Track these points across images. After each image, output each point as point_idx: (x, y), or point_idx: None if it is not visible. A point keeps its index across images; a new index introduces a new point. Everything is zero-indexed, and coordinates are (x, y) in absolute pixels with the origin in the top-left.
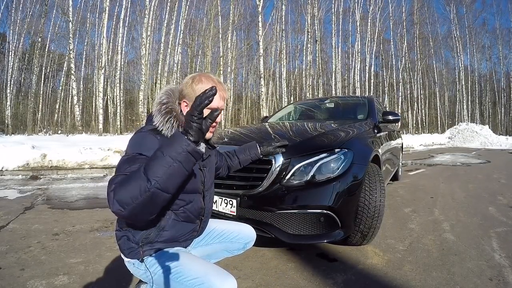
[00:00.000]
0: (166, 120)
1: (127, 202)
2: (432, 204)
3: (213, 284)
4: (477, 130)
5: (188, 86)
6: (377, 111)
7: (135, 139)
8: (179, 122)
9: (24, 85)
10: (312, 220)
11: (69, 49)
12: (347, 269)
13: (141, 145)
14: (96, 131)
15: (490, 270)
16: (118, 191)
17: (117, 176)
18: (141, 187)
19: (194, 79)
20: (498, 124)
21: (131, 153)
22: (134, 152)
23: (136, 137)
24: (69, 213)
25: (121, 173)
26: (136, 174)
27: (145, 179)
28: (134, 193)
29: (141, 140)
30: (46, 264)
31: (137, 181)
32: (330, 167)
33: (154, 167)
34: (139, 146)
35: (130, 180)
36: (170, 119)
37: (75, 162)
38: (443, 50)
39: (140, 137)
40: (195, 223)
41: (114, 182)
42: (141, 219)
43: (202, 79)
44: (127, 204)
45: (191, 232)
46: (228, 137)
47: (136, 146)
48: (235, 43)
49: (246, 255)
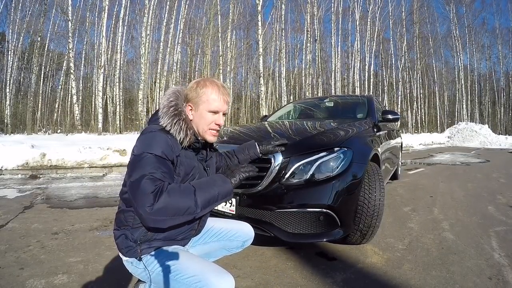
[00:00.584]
0: (174, 122)
1: (168, 213)
2: (431, 203)
3: (211, 282)
4: (476, 130)
5: (192, 91)
6: (377, 110)
7: (149, 138)
8: (187, 125)
9: (23, 85)
10: (311, 219)
11: (69, 48)
12: (346, 268)
13: (154, 145)
14: (95, 130)
15: (490, 269)
16: (164, 200)
17: (151, 179)
18: (189, 208)
19: (198, 83)
20: (497, 124)
21: (147, 151)
22: (148, 151)
23: (148, 136)
24: (68, 212)
25: (152, 174)
26: (187, 194)
27: (194, 203)
28: (179, 210)
29: (153, 139)
30: (46, 263)
31: (187, 202)
32: (330, 166)
33: (204, 195)
34: (152, 145)
35: (181, 197)
36: (179, 122)
37: (74, 161)
38: (443, 49)
39: (151, 136)
40: (194, 222)
41: (157, 188)
42: (161, 227)
43: (206, 83)
44: (166, 215)
45: (189, 231)
46: (228, 135)
47: (149, 145)
48: (234, 42)
49: (246, 254)
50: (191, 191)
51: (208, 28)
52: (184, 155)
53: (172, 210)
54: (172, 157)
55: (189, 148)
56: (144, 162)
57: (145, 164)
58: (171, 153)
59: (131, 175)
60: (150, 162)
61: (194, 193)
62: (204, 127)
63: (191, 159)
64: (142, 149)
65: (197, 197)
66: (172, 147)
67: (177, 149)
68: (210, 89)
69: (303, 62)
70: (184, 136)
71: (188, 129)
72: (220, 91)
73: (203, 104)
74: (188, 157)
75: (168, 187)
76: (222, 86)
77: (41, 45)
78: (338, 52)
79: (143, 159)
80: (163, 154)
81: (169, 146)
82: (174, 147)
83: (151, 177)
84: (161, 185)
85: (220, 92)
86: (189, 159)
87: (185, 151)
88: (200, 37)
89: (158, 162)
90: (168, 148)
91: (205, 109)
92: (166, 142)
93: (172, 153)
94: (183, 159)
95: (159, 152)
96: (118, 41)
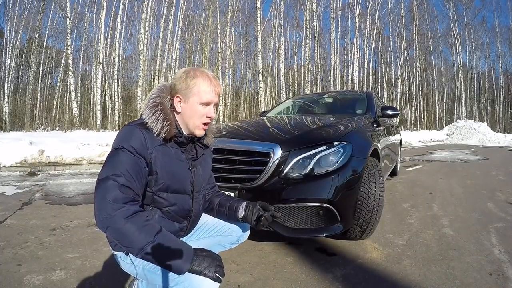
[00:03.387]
0: (151, 113)
1: (114, 234)
2: (430, 199)
3: (194, 276)
4: (475, 127)
5: (182, 81)
6: (376, 106)
7: (122, 133)
8: (164, 115)
9: (21, 82)
10: (311, 214)
11: (67, 45)
12: (346, 263)
13: (126, 139)
14: (94, 127)
15: (490, 265)
16: (120, 225)
17: (115, 185)
18: (131, 247)
19: (188, 73)
20: (496, 122)
21: (117, 146)
22: (119, 145)
23: (123, 130)
24: (66, 209)
25: (117, 179)
26: (141, 237)
27: (139, 250)
28: (124, 241)
29: (126, 134)
30: (43, 259)
31: (134, 243)
32: (329, 160)
33: (157, 251)
34: (124, 139)
35: (133, 235)
36: (155, 112)
37: (73, 157)
38: (442, 47)
39: (126, 130)
40: (182, 223)
41: (119, 201)
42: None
43: (196, 74)
44: (113, 234)
45: (177, 231)
46: (226, 130)
47: (122, 139)
48: (233, 38)
49: (245, 249)
50: (152, 234)
51: (207, 25)
52: (161, 152)
53: (120, 236)
54: (144, 153)
55: (170, 142)
56: (113, 159)
57: (114, 161)
58: (142, 149)
59: (101, 171)
60: (118, 159)
61: (154, 237)
62: (195, 121)
63: (171, 158)
64: (115, 143)
65: (149, 246)
66: (146, 142)
67: (152, 145)
68: (201, 80)
69: (302, 59)
70: (160, 127)
71: (165, 120)
72: (212, 83)
73: (194, 97)
74: (167, 155)
75: (135, 215)
76: (213, 77)
77: (39, 42)
78: (337, 49)
79: (114, 155)
80: (133, 149)
81: (140, 141)
82: (148, 142)
83: (115, 183)
84: (123, 208)
85: (211, 83)
86: (167, 157)
87: (164, 148)
88: (199, 34)
89: (127, 159)
90: (139, 143)
91: (196, 101)
92: (139, 137)
93: (144, 149)
94: (158, 156)
95: (128, 147)
96: (117, 37)
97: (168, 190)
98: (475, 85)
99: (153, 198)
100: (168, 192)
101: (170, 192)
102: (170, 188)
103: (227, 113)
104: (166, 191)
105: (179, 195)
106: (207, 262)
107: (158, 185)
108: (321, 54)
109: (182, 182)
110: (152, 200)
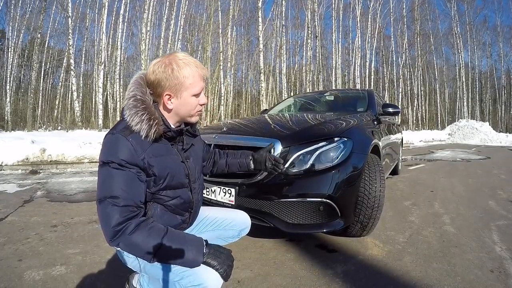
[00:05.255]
0: (133, 113)
1: (125, 249)
2: (432, 197)
3: (199, 271)
4: (477, 127)
5: (168, 77)
6: (377, 104)
7: (108, 144)
8: (149, 115)
9: (23, 81)
10: (311, 209)
11: (69, 45)
12: (347, 260)
13: (113, 152)
14: (96, 126)
15: (491, 262)
16: (124, 242)
17: (115, 210)
18: (144, 256)
19: (171, 66)
20: (498, 121)
21: (106, 161)
22: (108, 160)
23: (107, 141)
24: (68, 206)
25: (115, 201)
26: (150, 243)
27: (151, 256)
28: (136, 252)
29: (113, 145)
30: (44, 255)
31: (144, 250)
32: (330, 156)
33: (168, 252)
34: (111, 153)
35: (142, 243)
36: (137, 112)
37: (74, 156)
38: (444, 47)
39: (111, 141)
40: (184, 215)
41: (121, 227)
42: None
43: (179, 64)
44: (124, 249)
45: (180, 223)
46: (227, 127)
47: (109, 152)
48: (235, 38)
49: (245, 245)
50: (159, 237)
51: (208, 25)
52: (153, 153)
53: (131, 249)
54: (135, 162)
55: (160, 138)
56: (106, 178)
57: (107, 181)
58: (133, 158)
59: (97, 191)
60: (111, 177)
61: (161, 239)
62: (191, 112)
63: (163, 155)
64: (103, 156)
65: (161, 248)
66: (135, 150)
67: (142, 150)
68: (189, 70)
69: (304, 58)
70: (147, 128)
71: (151, 119)
72: (199, 69)
73: (187, 90)
74: (159, 154)
75: (136, 227)
76: (195, 61)
77: (41, 42)
78: (338, 49)
79: (106, 172)
80: (123, 162)
81: (129, 151)
82: (137, 149)
83: (115, 207)
84: (126, 226)
85: (199, 70)
86: (160, 156)
87: (155, 147)
88: (200, 34)
89: (120, 176)
90: (128, 154)
91: (189, 94)
92: (126, 146)
93: (135, 157)
94: (151, 159)
95: (118, 160)
96: (118, 37)
97: (167, 187)
98: (477, 85)
99: (153, 196)
100: (167, 189)
101: (169, 189)
102: (169, 186)
103: (229, 112)
104: (165, 189)
105: (178, 190)
106: (221, 258)
107: (157, 185)
108: (323, 53)
109: (178, 177)
110: (152, 197)
